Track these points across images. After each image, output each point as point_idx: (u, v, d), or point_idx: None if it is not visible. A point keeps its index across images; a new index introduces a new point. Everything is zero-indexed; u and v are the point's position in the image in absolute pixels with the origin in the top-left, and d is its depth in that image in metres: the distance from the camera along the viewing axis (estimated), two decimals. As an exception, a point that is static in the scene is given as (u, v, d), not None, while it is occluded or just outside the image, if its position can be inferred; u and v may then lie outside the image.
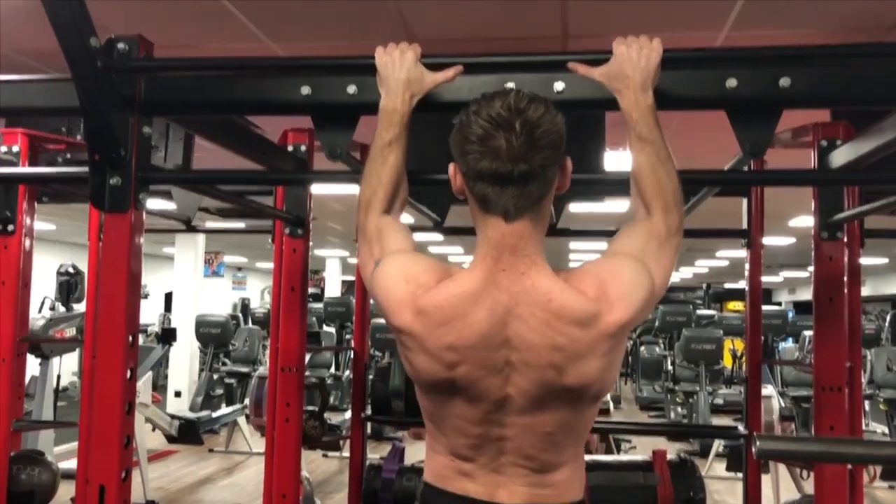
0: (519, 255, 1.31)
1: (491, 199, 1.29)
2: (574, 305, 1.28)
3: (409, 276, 1.37)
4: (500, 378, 1.32)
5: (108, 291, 1.73)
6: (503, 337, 1.30)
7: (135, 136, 1.74)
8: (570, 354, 1.29)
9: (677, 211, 1.43)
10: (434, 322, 1.31)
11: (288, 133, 2.84)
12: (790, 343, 11.35)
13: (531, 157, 1.25)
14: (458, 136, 1.32)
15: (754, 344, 3.09)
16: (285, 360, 2.79)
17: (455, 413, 1.38)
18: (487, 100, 1.29)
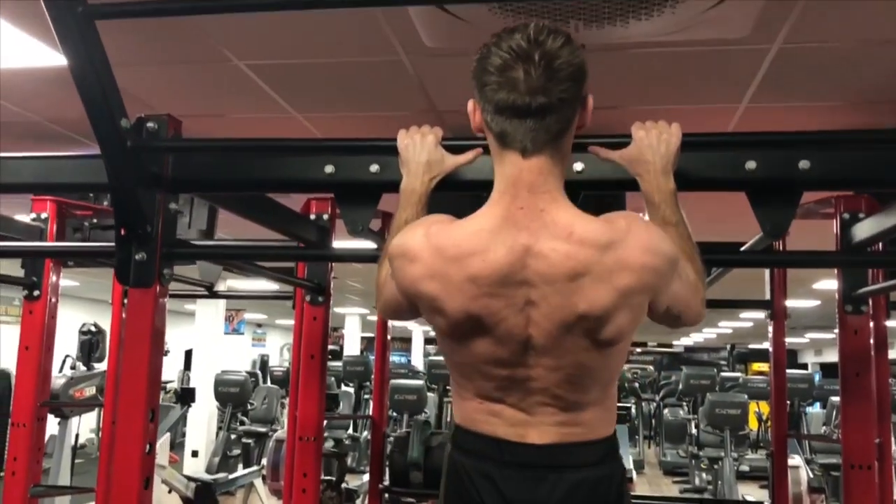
0: (538, 192, 1.28)
1: (508, 133, 1.27)
2: (596, 231, 1.26)
3: (421, 225, 1.38)
4: (523, 317, 1.29)
5: (129, 365, 1.75)
6: (522, 276, 1.27)
7: (161, 211, 1.78)
8: (588, 281, 1.25)
9: (701, 286, 1.43)
10: (452, 258, 1.29)
11: (311, 202, 2.88)
12: (817, 408, 11.11)
13: (550, 88, 1.22)
14: (477, 67, 1.29)
15: (780, 416, 3.03)
16: (303, 430, 2.78)
17: (482, 358, 1.35)
18: (508, 32, 1.26)
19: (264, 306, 15.32)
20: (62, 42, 1.48)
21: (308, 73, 2.91)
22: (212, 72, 2.92)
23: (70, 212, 3.33)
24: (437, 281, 1.32)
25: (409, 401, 8.03)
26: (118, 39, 2.49)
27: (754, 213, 1.61)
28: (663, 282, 1.32)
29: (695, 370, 11.78)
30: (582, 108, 1.32)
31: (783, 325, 3.04)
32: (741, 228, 2.12)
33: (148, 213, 1.75)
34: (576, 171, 1.63)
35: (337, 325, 19.24)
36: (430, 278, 1.33)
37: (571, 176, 1.62)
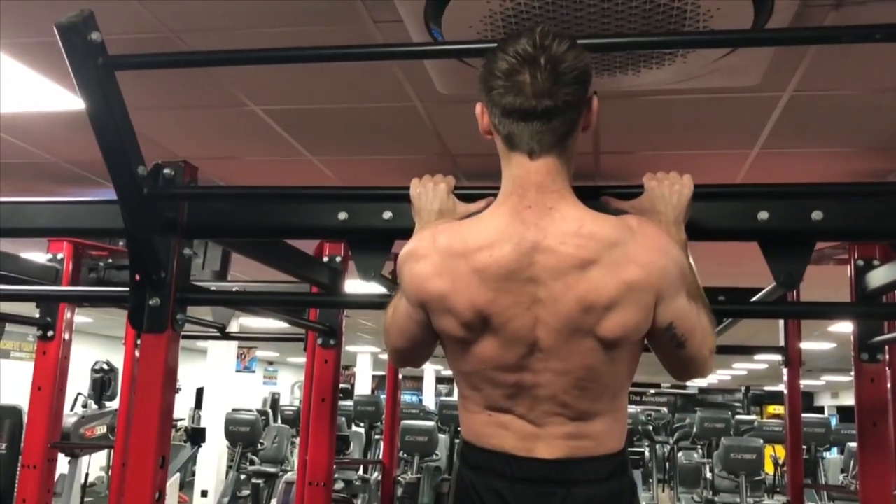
0: (546, 191, 1.29)
1: (516, 135, 1.29)
2: (606, 228, 1.27)
3: (428, 227, 1.40)
4: (530, 317, 1.29)
5: (140, 410, 1.75)
6: (530, 274, 1.27)
7: (176, 257, 1.79)
8: (597, 271, 1.25)
9: (711, 337, 1.41)
10: (459, 252, 1.30)
11: (324, 244, 2.88)
12: (835, 454, 10.93)
13: (556, 92, 1.24)
14: (484, 72, 1.31)
15: (796, 464, 2.99)
16: (313, 475, 2.76)
17: (490, 363, 1.34)
18: (514, 37, 1.28)
19: (276, 345, 15.33)
20: (82, 91, 1.51)
21: (323, 117, 2.95)
22: (228, 116, 2.97)
23: (86, 252, 3.36)
24: (445, 277, 1.32)
25: (420, 442, 7.95)
26: (137, 85, 2.54)
27: (767, 264, 1.61)
28: (670, 285, 1.31)
29: (709, 413, 11.65)
30: (587, 109, 1.33)
31: (798, 371, 3.01)
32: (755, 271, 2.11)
33: (163, 259, 1.76)
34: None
35: (348, 364, 19.18)
36: (439, 276, 1.33)
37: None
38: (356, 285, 2.94)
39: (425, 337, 1.44)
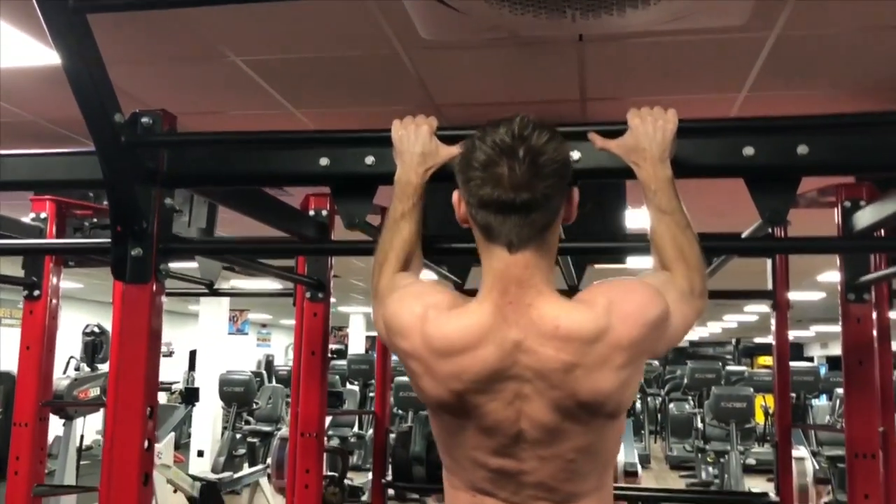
0: (525, 286, 1.27)
1: (494, 227, 1.26)
2: (582, 323, 1.25)
3: (419, 299, 1.35)
4: (512, 411, 1.29)
5: (126, 362, 1.74)
6: (512, 371, 1.27)
7: (157, 207, 1.76)
8: (583, 371, 1.24)
9: (700, 276, 1.42)
10: (440, 352, 1.29)
11: (309, 198, 2.87)
12: (823, 401, 11.08)
13: (534, 184, 1.22)
14: (461, 162, 1.30)
15: (783, 408, 3.02)
16: (305, 426, 2.77)
17: (469, 444, 1.34)
18: (493, 126, 1.27)
19: (268, 306, 15.35)
20: (53, 37, 1.47)
21: (305, 68, 2.91)
22: (208, 68, 2.92)
23: (70, 212, 3.33)
24: (422, 366, 1.33)
25: (413, 397, 8.02)
26: (112, 37, 2.49)
27: (753, 200, 1.60)
28: (659, 338, 1.32)
29: (700, 364, 11.76)
30: (567, 201, 1.32)
31: (786, 315, 3.03)
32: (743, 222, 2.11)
33: (144, 209, 1.74)
34: (573, 160, 1.61)
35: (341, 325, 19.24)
36: (417, 360, 1.33)
37: (568, 165, 1.62)
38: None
39: None
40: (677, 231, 1.42)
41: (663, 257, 1.44)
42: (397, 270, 1.51)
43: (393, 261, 1.51)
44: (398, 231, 1.51)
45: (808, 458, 5.11)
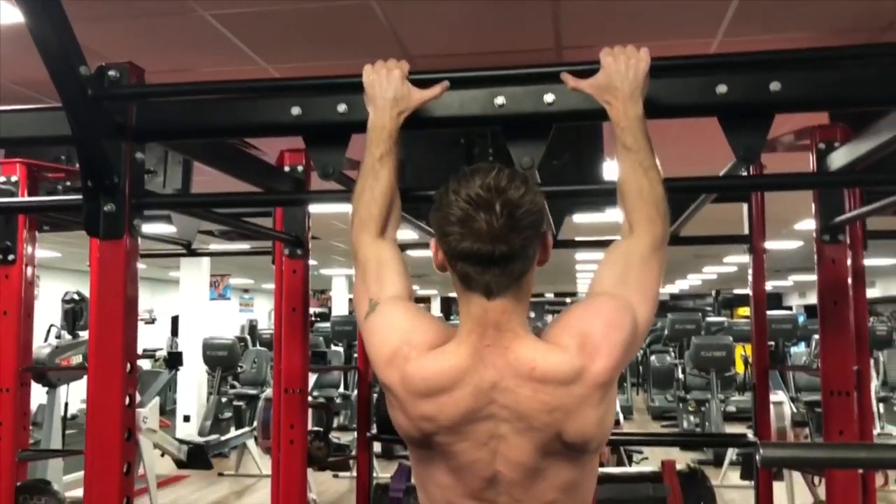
0: (502, 330, 1.30)
1: (473, 277, 1.29)
2: (558, 367, 1.27)
3: (401, 333, 1.36)
4: (487, 452, 1.31)
5: (104, 318, 1.73)
6: (487, 411, 1.29)
7: (128, 162, 1.74)
8: (563, 413, 1.27)
9: (662, 222, 1.41)
10: (417, 392, 1.31)
11: (284, 154, 2.84)
12: (802, 347, 11.28)
13: (512, 238, 1.24)
14: (437, 214, 1.30)
15: (761, 350, 3.06)
16: (288, 382, 2.78)
17: (442, 482, 1.37)
18: (467, 178, 1.27)
19: (249, 270, 15.28)
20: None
21: (276, 20, 2.85)
22: (176, 24, 2.86)
23: (42, 175, 3.27)
24: (398, 401, 1.34)
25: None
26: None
27: (727, 139, 1.60)
28: (633, 345, 1.34)
29: (680, 315, 11.90)
30: (542, 246, 1.34)
31: (762, 259, 3.05)
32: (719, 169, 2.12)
33: (114, 164, 1.71)
34: (546, 103, 1.61)
35: (324, 288, 19.23)
36: (394, 395, 1.35)
37: (542, 108, 1.61)
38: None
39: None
40: (641, 172, 1.41)
41: (626, 201, 1.43)
42: (381, 227, 1.49)
43: (375, 211, 1.49)
44: (377, 178, 1.49)
45: (786, 403, 5.20)
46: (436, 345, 1.33)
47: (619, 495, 2.66)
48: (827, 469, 2.39)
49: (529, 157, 1.65)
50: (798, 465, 2.19)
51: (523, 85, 1.62)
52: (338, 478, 7.19)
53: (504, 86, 1.62)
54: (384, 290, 1.43)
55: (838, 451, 1.39)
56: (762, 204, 2.96)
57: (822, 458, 1.34)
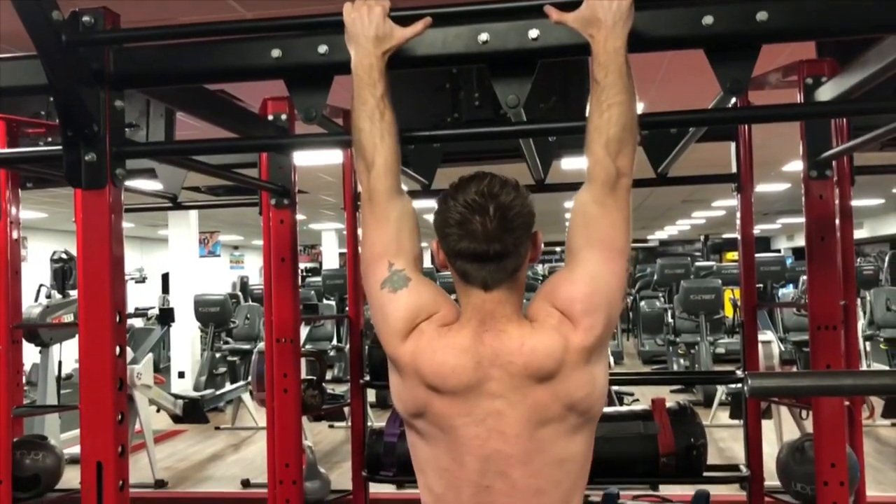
0: (498, 317, 1.42)
1: (471, 273, 1.41)
2: (543, 343, 1.38)
3: (419, 310, 1.45)
4: (484, 429, 1.39)
5: (91, 270, 1.72)
6: (487, 389, 1.39)
7: (107, 110, 1.71)
8: (555, 379, 1.38)
9: (613, 161, 1.39)
10: (426, 366, 1.40)
11: (267, 102, 2.81)
12: (790, 289, 11.38)
13: (505, 237, 1.36)
14: (438, 218, 1.42)
15: (749, 289, 3.08)
16: (280, 332, 2.79)
17: (442, 464, 1.43)
18: (464, 185, 1.40)
19: (239, 226, 15.24)
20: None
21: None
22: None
23: (22, 131, 3.23)
24: (405, 371, 1.43)
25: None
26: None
27: (714, 71, 1.58)
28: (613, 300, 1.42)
29: (669, 260, 11.96)
30: (533, 245, 1.45)
31: (750, 198, 3.06)
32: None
33: (93, 112, 1.69)
34: (531, 39, 1.58)
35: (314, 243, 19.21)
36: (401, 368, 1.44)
37: (526, 44, 1.58)
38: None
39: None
40: (602, 108, 1.39)
41: (594, 129, 1.41)
42: (397, 184, 1.50)
43: (391, 164, 1.48)
44: (382, 117, 1.46)
45: (774, 342, 5.26)
46: (447, 322, 1.44)
47: (610, 433, 2.69)
48: (814, 397, 2.43)
49: (515, 95, 1.63)
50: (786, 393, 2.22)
51: (507, 20, 1.59)
52: (333, 428, 7.28)
53: (488, 21, 1.58)
54: (403, 254, 1.49)
55: (825, 380, 1.41)
56: (749, 142, 2.95)
57: (810, 387, 1.36)
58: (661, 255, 17.45)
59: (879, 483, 5.20)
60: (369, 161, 1.48)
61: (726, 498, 3.15)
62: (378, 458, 2.95)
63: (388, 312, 1.45)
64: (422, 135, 1.73)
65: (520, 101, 1.62)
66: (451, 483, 1.42)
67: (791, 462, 2.68)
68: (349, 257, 3.60)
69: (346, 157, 3.31)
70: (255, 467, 5.98)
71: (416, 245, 1.52)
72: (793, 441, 2.78)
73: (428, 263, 4.04)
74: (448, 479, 1.42)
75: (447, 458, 1.42)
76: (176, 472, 6.13)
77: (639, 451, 2.72)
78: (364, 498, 3.18)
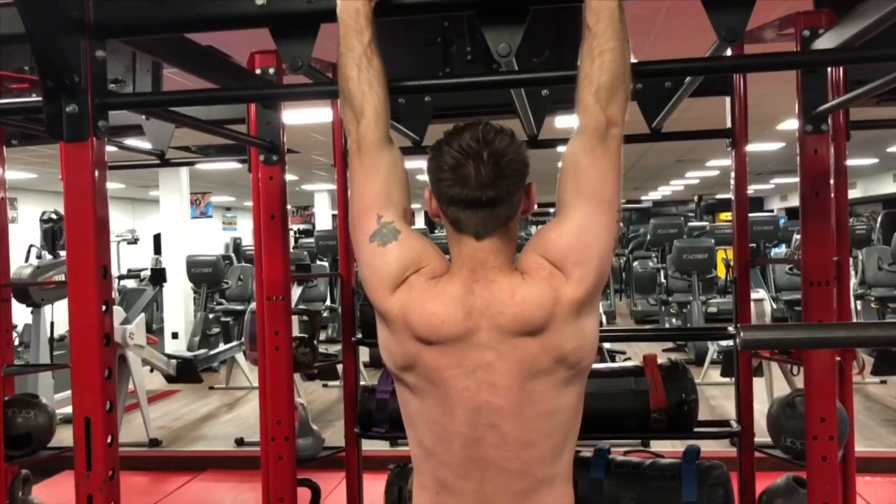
0: (489, 267, 1.41)
1: (462, 221, 1.40)
2: (535, 292, 1.37)
3: (409, 262, 1.43)
4: (474, 381, 1.38)
5: (75, 224, 1.69)
6: (476, 340, 1.38)
7: (87, 60, 1.67)
8: (544, 331, 1.37)
9: (602, 108, 1.37)
10: (416, 317, 1.39)
11: (255, 56, 2.75)
12: (783, 248, 11.41)
13: (498, 184, 1.36)
14: (431, 164, 1.41)
15: (742, 246, 3.06)
16: (270, 290, 2.77)
17: (433, 417, 1.43)
18: (458, 132, 1.39)
19: (230, 187, 15.15)
20: None
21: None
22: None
23: (5, 86, 3.17)
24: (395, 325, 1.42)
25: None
26: None
27: (709, 19, 1.54)
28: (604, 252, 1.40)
29: (663, 220, 11.97)
30: (526, 195, 1.44)
31: (744, 154, 3.02)
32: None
33: (73, 62, 1.64)
34: (522, -16, 1.54)
35: (307, 204, 19.14)
36: (390, 319, 1.42)
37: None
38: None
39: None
40: (593, 55, 1.37)
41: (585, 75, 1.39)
42: (385, 133, 1.47)
43: (380, 112, 1.45)
44: (370, 65, 1.43)
45: (766, 300, 5.29)
46: (436, 275, 1.43)
47: (602, 389, 2.70)
48: (805, 352, 2.43)
49: (506, 44, 1.59)
50: (777, 346, 2.22)
51: (498, -36, 1.54)
52: (327, 387, 7.32)
53: (479, -32, 1.54)
54: (393, 207, 1.46)
55: (818, 332, 1.40)
56: (745, 96, 2.91)
57: (802, 339, 1.35)
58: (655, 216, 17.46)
59: (868, 439, 5.27)
60: (358, 110, 1.45)
61: (717, 453, 3.17)
62: (370, 414, 2.96)
63: (378, 266, 1.43)
64: (412, 84, 1.68)
65: (511, 50, 1.58)
66: (442, 436, 1.42)
67: (781, 417, 2.69)
68: (339, 217, 3.58)
69: (335, 115, 3.26)
70: (249, 426, 6.02)
71: (405, 198, 1.49)
72: (783, 396, 2.79)
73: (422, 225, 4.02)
74: (438, 432, 1.42)
75: (438, 411, 1.41)
76: (170, 432, 6.17)
77: (630, 407, 2.72)
78: (356, 454, 3.19)
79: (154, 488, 5.14)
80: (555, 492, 1.43)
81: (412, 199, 1.52)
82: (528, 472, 1.40)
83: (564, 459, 1.45)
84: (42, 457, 3.25)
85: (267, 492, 2.82)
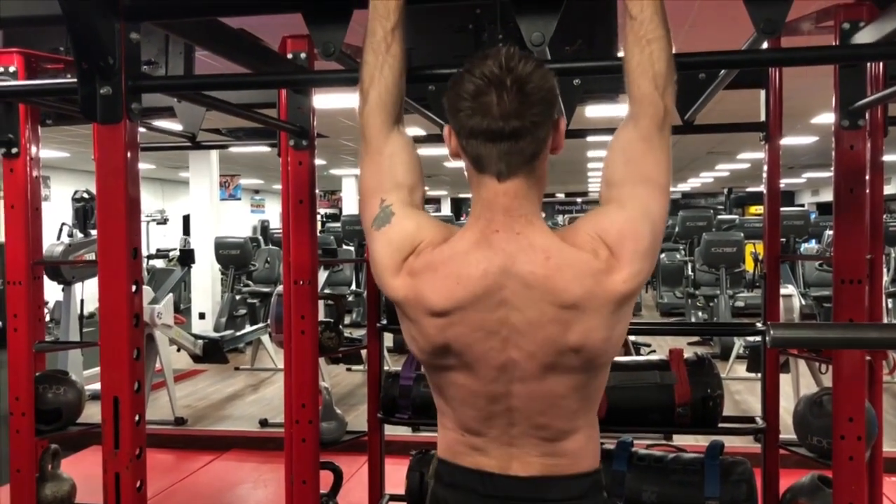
0: (514, 215, 1.29)
1: (483, 157, 1.28)
2: (574, 263, 1.26)
3: (406, 241, 1.35)
4: (498, 341, 1.30)
5: (107, 204, 1.71)
6: (499, 297, 1.28)
7: (122, 43, 1.68)
8: (574, 312, 1.26)
9: (661, 98, 1.33)
10: (424, 284, 1.31)
11: (287, 40, 2.75)
12: (813, 244, 11.25)
13: (522, 113, 1.23)
14: (450, 93, 1.30)
15: (773, 240, 3.03)
16: (298, 274, 2.79)
17: (458, 383, 1.37)
18: (480, 59, 1.26)
19: (259, 170, 15.25)
20: None
21: None
22: None
23: (41, 66, 3.20)
24: (409, 306, 1.33)
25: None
26: None
27: (747, 11, 1.52)
28: (655, 243, 1.31)
29: (691, 212, 11.84)
30: (554, 130, 1.31)
31: (778, 148, 2.98)
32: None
33: (108, 44, 1.65)
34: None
35: (334, 188, 19.20)
36: (404, 302, 1.34)
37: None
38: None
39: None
40: (642, 44, 1.31)
41: (626, 81, 1.35)
42: (395, 118, 1.43)
43: (391, 97, 1.42)
44: (388, 51, 1.40)
45: (795, 295, 5.22)
46: (438, 243, 1.33)
47: (627, 382, 2.69)
48: (835, 351, 2.40)
49: (540, 33, 1.58)
50: (808, 345, 2.19)
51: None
52: (351, 371, 7.36)
53: (513, -46, 1.53)
54: (396, 189, 1.39)
55: (850, 332, 1.38)
56: (780, 90, 2.86)
57: (833, 339, 1.33)
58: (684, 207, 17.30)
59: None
60: (364, 94, 1.43)
61: (740, 449, 3.15)
62: (394, 400, 2.97)
63: (376, 250, 1.37)
64: (439, 73, 1.67)
65: (545, 39, 1.57)
66: (467, 398, 1.37)
67: (808, 415, 2.66)
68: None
69: (366, 99, 3.26)
70: (273, 407, 6.08)
71: (413, 179, 1.42)
72: (811, 394, 2.76)
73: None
74: (464, 393, 1.37)
75: (463, 376, 1.36)
76: (195, 411, 6.24)
77: (655, 401, 2.71)
78: (379, 439, 3.21)
79: (178, 466, 5.21)
80: (580, 436, 1.40)
81: (439, 186, 1.49)
82: (552, 425, 1.37)
83: (591, 410, 1.42)
84: (71, 432, 3.30)
85: (290, 473, 2.84)
